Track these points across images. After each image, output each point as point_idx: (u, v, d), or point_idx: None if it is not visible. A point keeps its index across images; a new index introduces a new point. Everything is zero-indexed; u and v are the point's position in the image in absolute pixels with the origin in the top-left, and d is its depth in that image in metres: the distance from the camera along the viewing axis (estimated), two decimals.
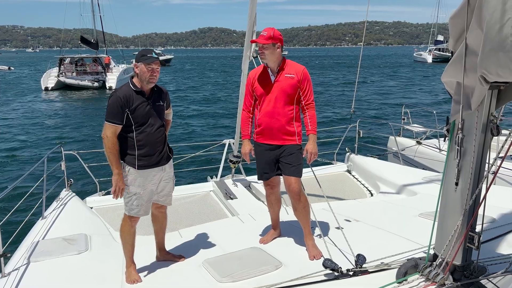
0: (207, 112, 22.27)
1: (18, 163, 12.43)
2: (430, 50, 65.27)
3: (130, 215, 3.22)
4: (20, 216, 5.33)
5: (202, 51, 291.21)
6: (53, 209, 4.74)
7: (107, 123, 3.06)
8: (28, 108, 23.89)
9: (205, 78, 45.48)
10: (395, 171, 6.25)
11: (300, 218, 3.52)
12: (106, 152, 3.08)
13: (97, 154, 10.22)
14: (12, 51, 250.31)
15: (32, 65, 74.17)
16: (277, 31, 3.39)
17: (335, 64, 66.30)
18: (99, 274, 3.31)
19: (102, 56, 33.82)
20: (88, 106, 25.09)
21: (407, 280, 2.65)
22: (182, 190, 5.94)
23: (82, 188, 7.68)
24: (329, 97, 27.28)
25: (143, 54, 3.12)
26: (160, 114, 3.25)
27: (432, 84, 33.70)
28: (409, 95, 27.87)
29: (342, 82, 36.71)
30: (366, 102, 25.04)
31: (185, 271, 3.28)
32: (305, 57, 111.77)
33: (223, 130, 17.25)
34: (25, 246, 3.82)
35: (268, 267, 3.14)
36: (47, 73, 33.73)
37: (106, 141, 3.05)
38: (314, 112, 3.51)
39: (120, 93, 3.07)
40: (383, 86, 30.95)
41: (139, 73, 3.11)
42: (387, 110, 22.01)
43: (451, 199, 2.56)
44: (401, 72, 44.15)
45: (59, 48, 45.70)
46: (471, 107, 2.32)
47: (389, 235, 3.70)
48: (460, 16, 2.26)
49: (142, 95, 3.13)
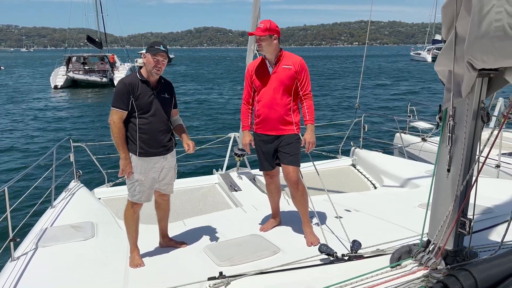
0: (213, 107, 22.46)
1: (29, 156, 12.74)
2: (429, 49, 64.89)
3: (132, 201, 3.33)
4: (30, 205, 5.49)
5: (199, 50, 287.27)
6: (62, 199, 4.89)
7: (113, 109, 3.19)
8: (39, 105, 24.33)
9: (210, 75, 45.65)
10: (399, 164, 6.28)
11: (299, 206, 3.60)
12: (113, 137, 3.20)
13: (105, 147, 10.42)
14: (7, 51, 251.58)
15: (28, 66, 72.69)
16: (273, 23, 3.46)
17: (345, 70, 54.52)
18: (104, 259, 3.42)
19: (108, 55, 34.37)
20: (97, 103, 25.53)
21: (400, 265, 2.71)
22: (188, 182, 6.06)
23: (91, 179, 7.85)
24: (335, 94, 27.29)
25: (152, 45, 3.25)
26: (165, 106, 3.34)
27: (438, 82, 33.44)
28: (419, 93, 27.75)
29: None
30: (372, 96, 24.99)
31: (186, 256, 3.39)
32: (305, 57, 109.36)
33: (229, 123, 17.43)
34: (34, 232, 3.97)
35: (266, 252, 3.23)
36: (55, 71, 34.39)
37: (113, 126, 3.18)
38: (312, 103, 3.58)
39: (126, 80, 3.22)
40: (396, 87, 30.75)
41: (146, 63, 3.24)
42: (393, 105, 21.95)
43: (443, 185, 2.61)
44: (412, 74, 43.67)
45: (53, 47, 46.53)
46: (462, 94, 2.37)
47: (387, 224, 3.76)
48: (451, 5, 2.31)
49: (147, 84, 3.24)
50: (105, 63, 33.56)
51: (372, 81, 34.49)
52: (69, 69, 32.73)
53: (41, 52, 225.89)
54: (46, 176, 4.86)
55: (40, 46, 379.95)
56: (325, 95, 26.22)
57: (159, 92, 3.31)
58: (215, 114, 20.32)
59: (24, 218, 4.20)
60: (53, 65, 34.96)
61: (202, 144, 7.41)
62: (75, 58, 33.67)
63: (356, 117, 7.43)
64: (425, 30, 75.89)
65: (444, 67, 2.49)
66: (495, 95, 2.55)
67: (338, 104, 22.76)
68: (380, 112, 18.30)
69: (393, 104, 22.69)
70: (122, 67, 35.08)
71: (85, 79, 32.80)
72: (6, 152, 13.20)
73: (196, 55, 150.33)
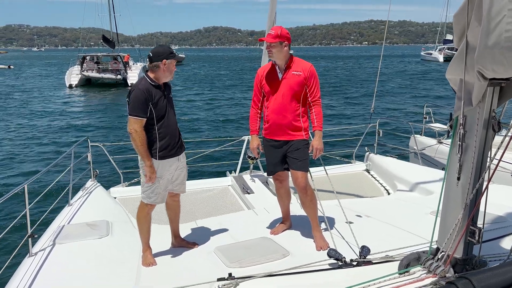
0: (228, 110, 22.63)
1: (47, 155, 13.04)
2: (440, 49, 64.02)
3: (148, 203, 3.41)
4: (48, 203, 5.64)
5: (208, 50, 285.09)
6: (79, 197, 5.01)
7: (132, 118, 3.15)
8: (55, 104, 24.89)
9: (224, 78, 45.86)
10: (413, 171, 6.24)
11: (308, 211, 3.63)
12: (136, 146, 3.19)
13: (122, 147, 10.61)
14: (19, 50, 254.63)
15: (41, 65, 71.88)
16: (284, 30, 3.50)
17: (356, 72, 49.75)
18: (117, 257, 3.51)
19: (122, 54, 35.02)
20: (113, 102, 26.01)
21: (408, 272, 2.71)
22: (201, 184, 6.13)
23: (107, 178, 8.01)
24: (349, 97, 27.13)
25: (171, 51, 3.30)
26: (173, 106, 3.44)
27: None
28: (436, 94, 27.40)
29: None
30: (387, 100, 24.74)
31: (197, 257, 3.45)
32: (312, 57, 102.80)
33: (243, 126, 17.54)
34: (51, 229, 4.08)
35: (275, 255, 3.27)
36: (70, 70, 35.14)
37: (136, 135, 3.15)
38: (321, 109, 3.61)
39: (142, 87, 3.20)
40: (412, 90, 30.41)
41: (166, 68, 3.26)
42: (409, 109, 21.73)
43: (453, 193, 2.61)
44: (427, 75, 43.01)
45: (64, 47, 47.76)
46: (472, 103, 2.37)
47: (397, 231, 3.75)
48: (462, 14, 2.32)
49: (159, 88, 3.30)
50: (118, 62, 34.23)
51: (387, 84, 34.12)
52: (83, 68, 33.48)
53: (52, 51, 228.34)
54: (64, 175, 5.00)
55: (51, 45, 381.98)
56: (339, 99, 26.08)
57: (167, 94, 3.38)
58: (230, 116, 20.46)
59: (42, 215, 4.32)
60: (63, 64, 35.74)
61: (216, 146, 7.50)
62: (89, 58, 34.43)
63: (371, 122, 7.40)
64: (435, 29, 75.00)
65: (455, 76, 2.49)
66: (506, 104, 2.53)
67: (353, 108, 22.64)
68: (395, 116, 18.14)
69: (409, 107, 22.45)
70: (135, 66, 35.73)
71: (99, 77, 33.61)
72: (25, 151, 13.53)
73: (207, 54, 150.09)
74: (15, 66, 63.75)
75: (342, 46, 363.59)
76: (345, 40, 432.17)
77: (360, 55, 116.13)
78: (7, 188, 9.48)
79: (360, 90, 30.52)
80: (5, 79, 42.38)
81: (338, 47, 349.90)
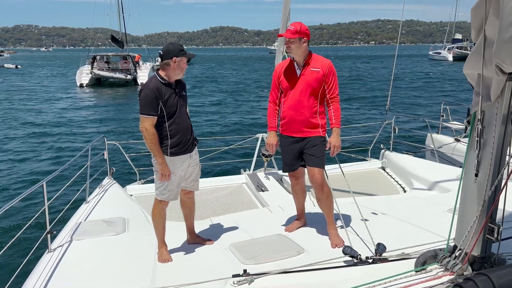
0: (242, 108, 22.65)
1: (64, 153, 13.27)
2: (449, 48, 63.46)
3: (161, 199, 3.44)
4: (66, 200, 5.76)
5: (214, 50, 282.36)
6: (96, 195, 5.09)
7: (143, 116, 3.21)
8: (68, 104, 25.29)
9: (238, 75, 45.84)
10: (429, 168, 6.16)
11: (324, 208, 3.61)
12: (148, 144, 3.24)
13: (137, 145, 10.73)
14: (28, 50, 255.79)
15: (50, 65, 71.56)
16: (304, 26, 3.48)
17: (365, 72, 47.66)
18: (133, 253, 3.56)
19: (132, 54, 35.53)
20: (124, 101, 26.44)
21: (425, 269, 2.68)
22: (216, 181, 6.17)
23: (123, 176, 8.11)
24: (365, 93, 26.90)
25: (181, 49, 3.31)
26: (185, 103, 3.45)
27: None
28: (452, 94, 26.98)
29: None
30: (403, 98, 24.44)
31: (212, 253, 3.47)
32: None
33: (257, 123, 17.55)
34: (69, 226, 4.16)
35: (290, 252, 3.27)
36: (80, 70, 35.71)
37: (146, 133, 3.21)
38: (339, 106, 3.58)
39: (152, 85, 3.23)
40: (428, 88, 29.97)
41: (176, 66, 3.27)
42: (425, 107, 21.43)
43: (470, 190, 2.57)
44: (439, 75, 42.24)
45: (72, 47, 48.61)
46: (491, 98, 2.33)
47: (413, 228, 3.71)
48: (480, 7, 2.28)
49: (170, 86, 3.31)
50: (128, 62, 34.68)
51: (402, 82, 33.70)
52: (94, 67, 34.04)
53: (60, 51, 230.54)
54: (81, 172, 5.08)
55: (59, 45, 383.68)
56: (354, 97, 25.87)
57: (179, 91, 3.39)
58: (244, 114, 20.49)
59: (60, 212, 4.40)
60: (72, 64, 36.29)
61: (231, 144, 7.53)
62: (99, 57, 34.98)
63: (386, 119, 7.33)
64: (443, 29, 74.38)
65: (473, 70, 2.45)
66: None
67: (369, 105, 22.45)
68: (411, 113, 17.91)
69: (424, 105, 22.15)
70: (144, 66, 36.28)
71: (110, 76, 34.15)
72: (41, 150, 13.77)
73: (216, 54, 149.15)
74: (24, 66, 64.28)
75: (349, 46, 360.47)
76: (352, 40, 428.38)
77: (370, 55, 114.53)
78: (27, 185, 9.69)
79: (373, 90, 30.23)
80: (15, 79, 43.04)
81: (345, 46, 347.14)
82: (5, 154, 12.96)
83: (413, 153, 7.54)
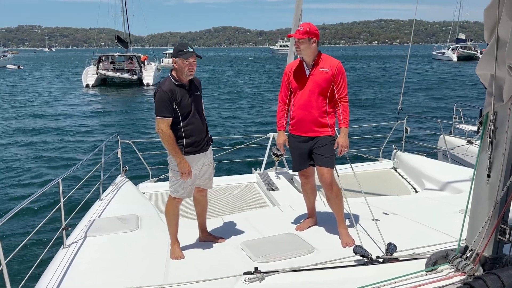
0: (253, 107, 22.69)
1: (78, 152, 13.47)
2: (453, 48, 62.72)
3: (175, 197, 3.50)
4: (81, 197, 5.85)
5: (217, 50, 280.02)
6: (109, 192, 5.18)
7: (159, 118, 3.27)
8: (76, 103, 25.67)
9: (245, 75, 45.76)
10: (441, 169, 6.13)
11: (333, 207, 3.63)
12: (165, 145, 3.31)
13: (151, 143, 10.82)
14: (31, 51, 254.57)
15: (53, 65, 71.27)
16: (313, 26, 3.50)
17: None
18: (146, 250, 3.62)
19: (138, 55, 35.88)
20: (131, 100, 26.82)
21: (436, 270, 2.68)
22: (227, 180, 6.21)
23: (136, 174, 8.21)
24: (376, 93, 26.68)
25: (180, 49, 3.31)
26: (199, 103, 3.49)
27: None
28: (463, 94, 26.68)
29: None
30: (415, 98, 24.20)
31: (223, 251, 3.51)
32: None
33: (268, 123, 17.58)
34: (83, 222, 4.24)
35: (301, 251, 3.29)
36: (86, 70, 36.05)
37: (163, 135, 3.28)
38: (347, 106, 3.60)
39: (165, 88, 3.28)
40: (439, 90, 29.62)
41: (178, 67, 3.32)
42: (437, 108, 21.21)
43: (482, 191, 2.57)
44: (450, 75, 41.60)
45: (75, 47, 49.19)
46: (503, 99, 2.33)
47: (424, 228, 3.71)
48: (493, 8, 2.27)
49: (183, 87, 3.36)
50: (133, 62, 35.04)
51: (411, 83, 33.30)
52: (100, 68, 34.45)
53: (63, 51, 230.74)
54: (95, 170, 5.17)
55: (62, 46, 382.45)
56: (365, 97, 25.69)
57: (193, 92, 3.42)
58: (256, 114, 20.53)
59: (75, 208, 4.49)
60: (75, 64, 36.61)
61: (242, 144, 7.56)
62: (104, 57, 35.40)
63: (398, 119, 7.29)
64: (446, 29, 73.80)
65: (486, 71, 2.45)
66: None
67: (381, 106, 22.29)
68: (424, 114, 17.74)
69: (435, 107, 21.93)
70: (149, 66, 36.62)
71: (116, 76, 34.60)
72: (54, 148, 14.01)
73: (218, 55, 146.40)
74: (27, 67, 64.11)
75: (352, 46, 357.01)
76: (354, 40, 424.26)
77: (374, 55, 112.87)
78: (43, 182, 9.86)
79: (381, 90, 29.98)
80: (20, 80, 43.37)
81: (348, 46, 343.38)
82: (20, 153, 13.18)
83: (425, 153, 7.48)
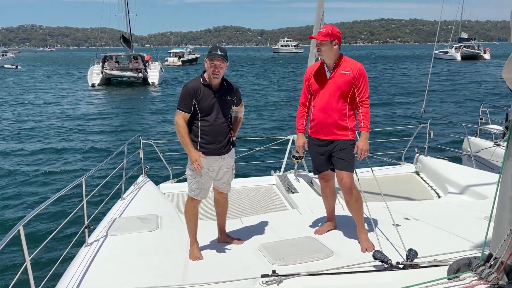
0: (274, 110, 22.67)
1: (98, 152, 13.68)
2: (457, 47, 62.17)
3: (192, 197, 3.53)
4: (103, 196, 5.96)
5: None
6: (131, 192, 5.26)
7: (177, 110, 3.40)
8: (85, 103, 26.12)
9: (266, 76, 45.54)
10: (465, 174, 5.98)
11: (353, 211, 3.59)
12: (179, 136, 3.41)
13: (174, 143, 10.93)
14: (32, 50, 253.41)
15: (55, 66, 69.63)
16: (335, 28, 3.47)
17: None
18: (166, 250, 3.66)
19: (142, 54, 36.46)
20: (136, 100, 27.37)
21: (458, 277, 2.62)
22: (246, 182, 6.23)
23: (157, 174, 8.32)
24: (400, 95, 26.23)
25: (210, 51, 3.40)
26: (226, 108, 3.48)
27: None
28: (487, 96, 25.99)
29: None
30: (439, 100, 23.72)
31: (241, 253, 3.52)
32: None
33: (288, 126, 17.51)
34: (105, 221, 4.32)
35: (319, 255, 3.26)
36: (91, 70, 36.63)
37: (176, 126, 3.39)
38: (368, 109, 3.55)
39: (190, 84, 3.40)
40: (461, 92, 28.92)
41: (206, 68, 3.41)
42: (463, 110, 20.72)
43: (508, 197, 2.50)
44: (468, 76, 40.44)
45: (76, 47, 49.97)
46: None
47: (447, 235, 3.62)
48: None
49: (209, 88, 3.40)
50: (138, 61, 35.57)
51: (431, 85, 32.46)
52: (105, 67, 35.03)
53: (63, 51, 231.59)
54: (117, 170, 5.26)
55: (63, 45, 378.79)
56: (387, 102, 25.27)
57: (221, 95, 3.44)
58: (275, 117, 20.50)
59: (97, 207, 4.57)
60: (77, 64, 37.16)
61: (261, 146, 7.56)
62: (108, 57, 35.99)
63: (421, 123, 7.16)
64: (447, 28, 72.58)
65: None
66: None
67: (404, 110, 21.93)
68: (447, 117, 17.35)
69: (460, 108, 21.43)
70: (153, 66, 37.25)
71: (122, 75, 35.26)
72: (72, 147, 14.30)
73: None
74: (27, 67, 63.41)
75: (352, 45, 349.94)
76: (355, 39, 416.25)
77: (378, 55, 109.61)
78: (66, 182, 10.10)
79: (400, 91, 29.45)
80: (23, 80, 43.62)
81: (349, 45, 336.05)
82: (41, 154, 13.47)
83: (449, 157, 7.31)
